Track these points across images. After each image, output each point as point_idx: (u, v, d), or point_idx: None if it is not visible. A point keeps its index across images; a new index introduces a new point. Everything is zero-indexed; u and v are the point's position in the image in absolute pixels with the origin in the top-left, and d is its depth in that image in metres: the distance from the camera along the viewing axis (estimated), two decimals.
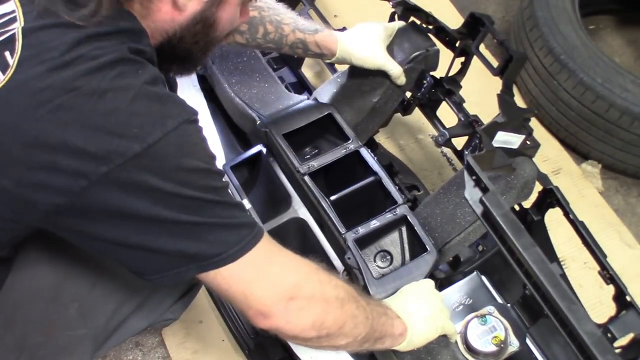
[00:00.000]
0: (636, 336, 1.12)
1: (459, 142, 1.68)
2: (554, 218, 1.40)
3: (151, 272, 1.02)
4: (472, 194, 1.20)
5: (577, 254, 1.88)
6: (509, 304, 1.39)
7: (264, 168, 1.67)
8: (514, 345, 1.31)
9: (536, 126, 2.18)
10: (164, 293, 1.34)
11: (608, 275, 1.20)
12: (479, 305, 1.37)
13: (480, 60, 1.62)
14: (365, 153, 1.55)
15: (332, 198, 1.48)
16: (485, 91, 1.70)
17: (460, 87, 1.70)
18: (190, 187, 0.96)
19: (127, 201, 0.93)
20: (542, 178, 1.42)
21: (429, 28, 1.70)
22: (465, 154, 1.31)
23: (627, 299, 1.15)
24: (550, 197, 1.37)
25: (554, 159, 2.22)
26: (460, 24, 1.65)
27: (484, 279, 1.43)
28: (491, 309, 1.35)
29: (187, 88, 1.79)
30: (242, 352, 1.68)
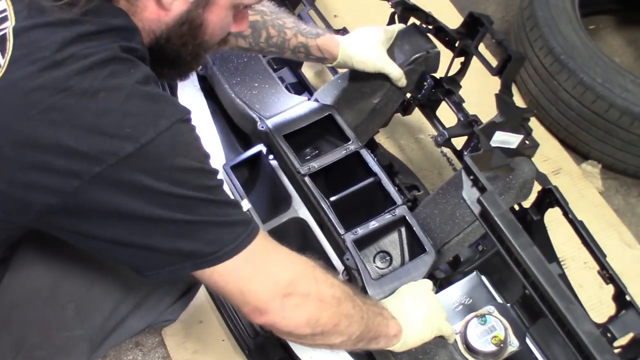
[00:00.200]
0: (636, 336, 1.12)
1: (459, 142, 1.68)
2: (554, 218, 1.39)
3: (146, 269, 1.03)
4: (470, 194, 1.20)
5: (577, 254, 1.88)
6: (509, 304, 1.39)
7: (264, 168, 1.68)
8: (514, 345, 1.31)
9: (536, 126, 2.18)
10: (162, 293, 1.34)
11: (608, 274, 1.19)
12: (478, 305, 1.37)
13: (480, 60, 1.62)
14: (366, 154, 1.55)
15: (332, 199, 1.48)
16: (485, 91, 1.70)
17: (460, 87, 1.70)
18: (184, 187, 0.96)
19: (121, 201, 0.93)
20: (541, 178, 1.42)
21: (429, 28, 1.70)
22: (464, 154, 1.32)
23: (627, 298, 1.15)
24: (550, 197, 1.37)
25: (553, 159, 2.22)
26: (460, 24, 1.65)
27: (483, 278, 1.43)
28: (491, 308, 1.35)
29: (187, 88, 1.79)
30: (242, 352, 1.68)
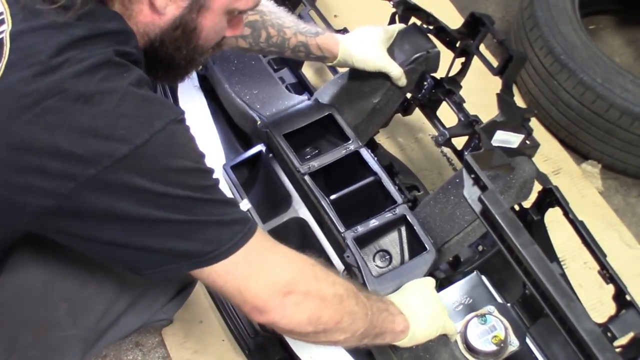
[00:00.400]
0: (636, 335, 1.12)
1: (459, 142, 1.68)
2: (554, 218, 1.39)
3: (143, 268, 1.02)
4: (471, 193, 1.20)
5: (577, 254, 1.88)
6: (509, 304, 1.39)
7: (264, 168, 1.68)
8: (514, 345, 1.31)
9: (536, 126, 2.18)
10: (157, 292, 1.34)
11: (608, 274, 1.19)
12: (479, 304, 1.37)
13: (481, 60, 1.61)
14: (366, 153, 1.55)
15: (332, 197, 1.48)
16: (486, 91, 1.70)
17: (461, 87, 1.70)
18: (180, 187, 0.96)
19: (117, 203, 0.93)
20: (542, 178, 1.42)
21: (429, 28, 1.70)
22: (465, 153, 1.32)
23: (627, 298, 1.14)
24: (550, 197, 1.37)
25: (554, 159, 2.22)
26: (460, 24, 1.64)
27: (483, 278, 1.43)
28: (491, 308, 1.35)
29: (187, 88, 1.80)
30: (242, 352, 1.68)
